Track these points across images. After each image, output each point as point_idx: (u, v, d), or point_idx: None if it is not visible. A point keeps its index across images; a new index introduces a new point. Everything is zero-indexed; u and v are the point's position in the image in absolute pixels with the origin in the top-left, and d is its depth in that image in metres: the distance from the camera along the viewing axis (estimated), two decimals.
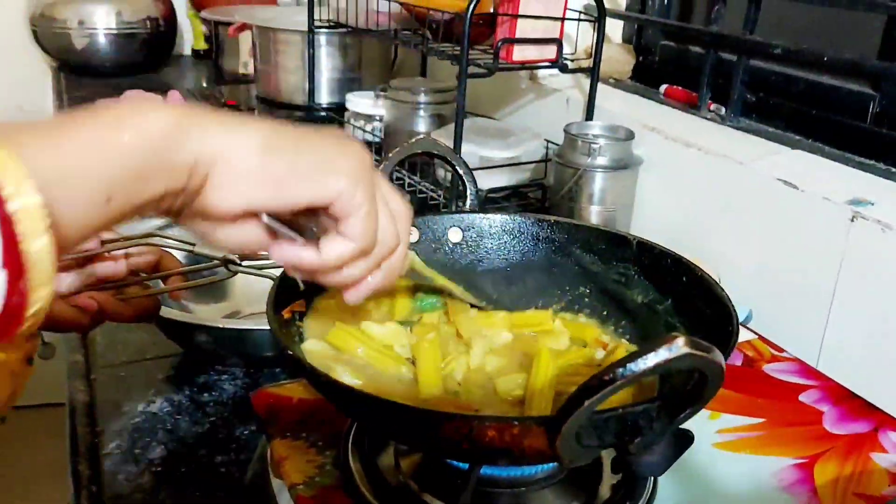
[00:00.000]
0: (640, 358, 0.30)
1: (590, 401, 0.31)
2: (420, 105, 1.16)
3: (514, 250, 0.59)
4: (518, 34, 0.97)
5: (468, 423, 0.34)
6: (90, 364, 0.74)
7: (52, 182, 0.28)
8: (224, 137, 0.34)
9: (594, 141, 0.91)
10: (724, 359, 0.33)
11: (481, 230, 0.59)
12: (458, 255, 0.59)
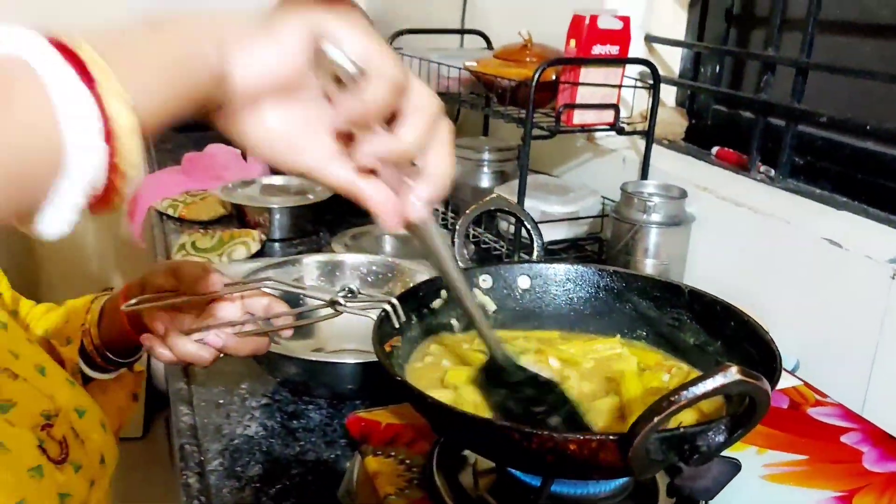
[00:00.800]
0: (700, 382, 0.37)
1: (658, 418, 0.37)
2: (484, 162, 1.25)
3: (577, 297, 0.66)
4: (578, 100, 1.05)
5: (553, 439, 0.41)
6: (192, 392, 0.82)
7: (128, 77, 0.34)
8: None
9: (649, 199, 0.98)
10: (770, 388, 0.39)
11: (547, 278, 0.66)
12: (526, 300, 0.66)
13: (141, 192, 1.45)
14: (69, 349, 0.78)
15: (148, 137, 0.37)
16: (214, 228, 1.26)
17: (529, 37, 1.15)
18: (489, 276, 0.65)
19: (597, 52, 1.04)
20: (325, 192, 1.32)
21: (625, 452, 0.39)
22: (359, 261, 0.96)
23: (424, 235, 0.48)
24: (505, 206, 0.67)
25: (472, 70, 1.17)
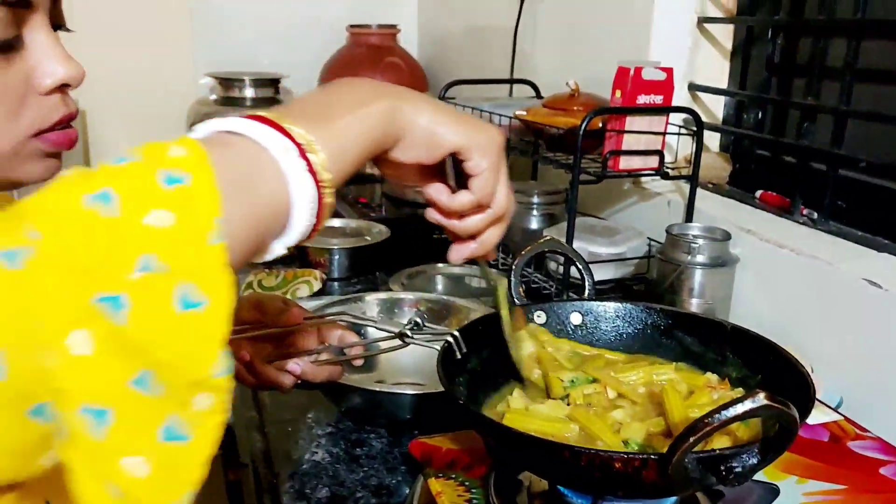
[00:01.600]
0: (731, 406, 0.41)
1: (694, 438, 0.42)
2: (533, 205, 1.30)
3: (626, 333, 0.71)
4: (624, 146, 1.11)
5: (601, 457, 0.46)
6: (263, 419, 0.88)
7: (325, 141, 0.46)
8: (414, 115, 0.52)
9: (694, 241, 1.02)
10: (798, 415, 0.43)
11: (598, 315, 0.71)
12: (578, 335, 0.71)
13: None
14: None
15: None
16: (278, 268, 1.33)
17: (577, 86, 1.21)
18: (543, 311, 0.70)
19: (641, 101, 1.09)
20: (382, 234, 1.38)
21: (665, 470, 0.43)
22: (416, 298, 1.02)
23: (483, 269, 0.61)
24: (558, 247, 0.72)
25: (523, 118, 1.24)
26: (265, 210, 0.43)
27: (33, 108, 0.57)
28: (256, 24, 2.22)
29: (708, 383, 0.65)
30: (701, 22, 1.26)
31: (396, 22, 2.21)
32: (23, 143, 0.58)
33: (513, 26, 1.69)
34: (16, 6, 0.54)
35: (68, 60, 0.58)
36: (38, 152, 0.59)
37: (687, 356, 0.69)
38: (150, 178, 0.39)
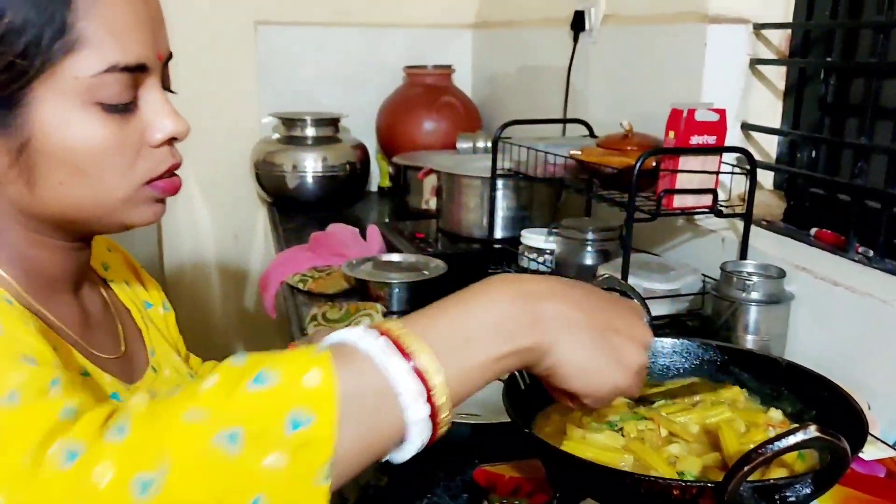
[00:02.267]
0: (784, 438, 0.44)
1: (748, 467, 0.44)
2: (588, 242, 1.33)
3: (683, 368, 0.73)
4: (677, 185, 1.13)
5: (659, 484, 0.49)
6: None
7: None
8: (557, 334, 0.53)
9: (748, 278, 1.04)
10: (850, 448, 0.46)
11: (656, 350, 0.74)
12: None
13: (273, 268, 1.61)
14: None
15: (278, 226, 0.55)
16: (340, 301, 1.39)
17: (630, 127, 1.24)
18: None
19: (695, 141, 1.12)
20: (439, 269, 1.43)
21: (721, 498, 0.46)
22: None
23: None
24: (616, 285, 0.75)
25: (577, 158, 1.27)
26: (379, 442, 0.48)
27: (146, 160, 0.64)
28: (317, 67, 2.31)
29: (768, 421, 0.67)
30: (753, 63, 1.29)
31: (451, 62, 2.28)
32: (136, 190, 0.65)
33: (566, 66, 1.74)
34: (136, 71, 0.61)
35: (177, 117, 0.65)
36: (148, 198, 0.66)
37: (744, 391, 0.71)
38: (279, 420, 0.44)
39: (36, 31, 0.57)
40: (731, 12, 1.27)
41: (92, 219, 0.65)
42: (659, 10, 1.41)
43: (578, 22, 1.68)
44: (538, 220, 1.61)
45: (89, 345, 0.70)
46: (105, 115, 0.60)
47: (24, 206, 0.63)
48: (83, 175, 0.61)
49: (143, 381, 0.75)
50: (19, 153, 0.60)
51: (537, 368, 0.54)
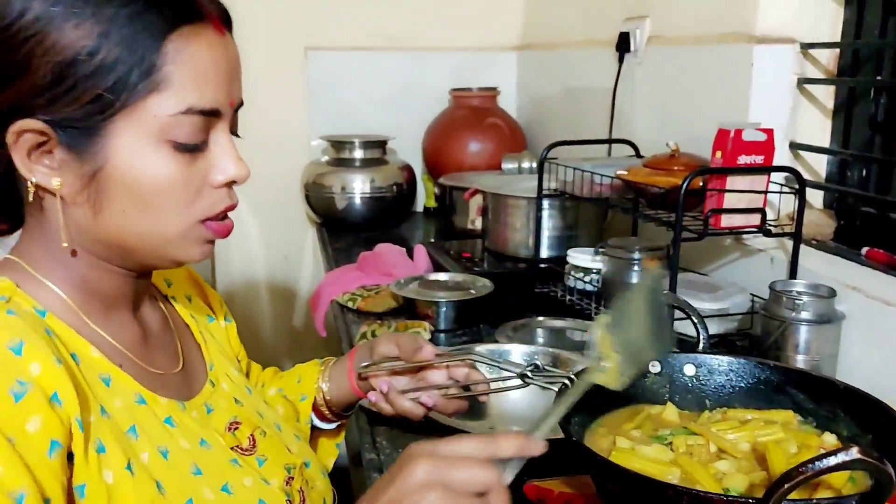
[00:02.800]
0: (825, 458, 0.45)
1: (788, 485, 0.45)
2: (635, 261, 1.34)
3: (738, 386, 0.74)
4: (725, 205, 1.14)
5: (701, 498, 0.50)
6: (381, 461, 0.95)
7: None
8: None
9: (798, 297, 1.04)
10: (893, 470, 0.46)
11: (711, 367, 0.75)
12: (692, 385, 0.75)
13: (323, 287, 1.64)
14: (304, 404, 0.96)
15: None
16: (389, 319, 1.42)
17: (677, 147, 1.25)
18: (657, 362, 0.74)
19: (742, 161, 1.12)
20: (485, 288, 1.45)
21: None
22: (524, 350, 1.07)
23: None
24: (673, 301, 0.77)
25: (624, 178, 1.29)
26: None
27: (205, 199, 0.68)
28: (365, 90, 2.37)
29: (821, 444, 0.67)
30: (801, 83, 1.29)
31: (496, 84, 2.31)
32: (191, 227, 0.68)
33: (611, 87, 1.75)
34: (209, 115, 0.66)
35: (240, 161, 0.69)
36: (200, 237, 0.70)
37: (798, 412, 0.71)
38: None
39: (126, 70, 0.61)
40: (777, 32, 1.27)
41: (146, 250, 0.68)
42: (705, 31, 1.42)
43: (623, 43, 1.70)
44: (584, 239, 1.62)
45: (146, 362, 0.73)
46: (175, 152, 0.64)
47: (86, 230, 0.67)
48: (146, 207, 0.65)
49: (200, 396, 0.78)
50: (91, 179, 0.64)
51: None
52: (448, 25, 2.38)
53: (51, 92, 0.61)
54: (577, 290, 1.41)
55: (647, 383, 0.76)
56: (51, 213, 0.66)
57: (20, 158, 0.63)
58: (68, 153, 0.63)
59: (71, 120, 0.62)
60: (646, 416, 0.72)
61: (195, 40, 0.64)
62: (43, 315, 0.65)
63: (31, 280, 0.67)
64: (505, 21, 2.42)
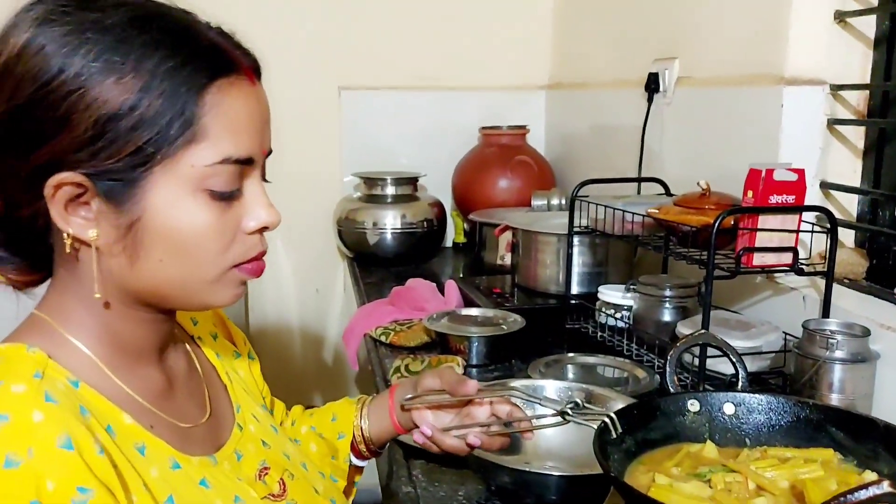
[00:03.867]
0: (857, 491, 0.46)
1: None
2: (666, 298, 1.35)
3: (778, 424, 0.75)
4: (757, 244, 1.15)
5: None
6: (418, 495, 0.96)
7: None
8: None
9: (832, 336, 1.04)
10: None
11: (751, 406, 0.76)
12: (731, 423, 0.76)
13: (356, 321, 1.67)
14: (343, 442, 0.98)
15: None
16: (422, 354, 1.43)
17: (708, 186, 1.27)
18: (697, 400, 0.76)
19: (773, 200, 1.14)
20: (517, 323, 1.47)
21: None
22: (558, 386, 1.09)
23: None
24: (712, 340, 0.79)
25: (656, 216, 1.30)
26: None
27: (238, 245, 0.70)
28: (397, 128, 2.42)
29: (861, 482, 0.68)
30: (831, 123, 1.30)
31: (526, 122, 2.35)
32: (224, 272, 0.70)
33: (640, 126, 1.78)
34: (244, 164, 0.68)
35: (272, 208, 0.71)
36: (233, 281, 0.71)
37: (838, 450, 0.72)
38: None
39: (165, 122, 0.62)
40: (807, 74, 1.29)
41: (180, 297, 0.69)
42: (734, 73, 1.44)
43: (652, 83, 1.73)
44: (613, 276, 1.63)
45: (175, 416, 0.73)
46: (211, 201, 0.66)
47: (120, 279, 0.67)
48: (182, 255, 0.66)
49: (229, 443, 0.78)
50: (128, 229, 0.65)
51: None
52: (478, 65, 2.43)
53: (91, 146, 0.61)
54: (608, 327, 1.42)
55: (687, 422, 0.77)
56: (85, 263, 0.67)
57: (57, 211, 0.64)
58: (106, 204, 0.64)
59: (109, 172, 0.62)
60: (685, 454, 0.73)
61: (231, 92, 0.66)
62: (76, 386, 0.65)
63: (59, 342, 0.67)
64: (534, 61, 2.47)
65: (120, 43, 0.62)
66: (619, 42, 1.99)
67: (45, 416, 0.59)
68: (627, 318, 1.43)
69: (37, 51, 0.61)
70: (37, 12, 0.62)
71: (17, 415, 0.58)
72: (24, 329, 0.69)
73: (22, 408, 0.59)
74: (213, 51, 0.66)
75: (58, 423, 0.59)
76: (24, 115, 0.62)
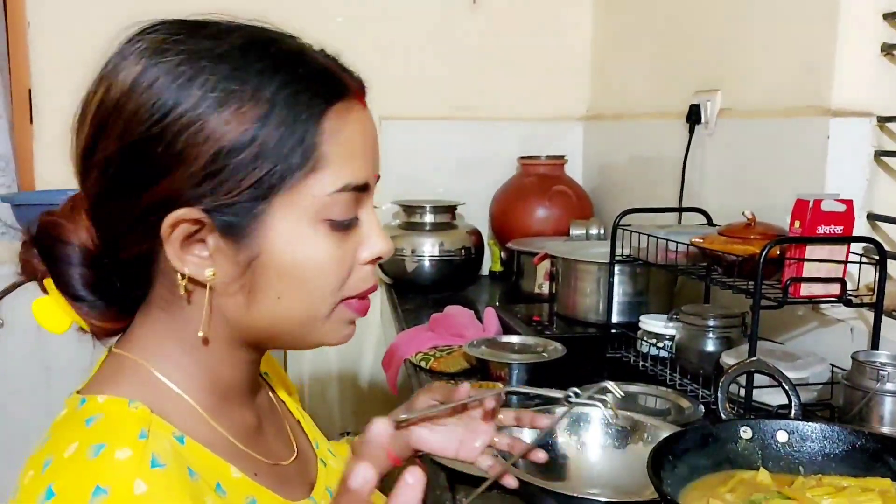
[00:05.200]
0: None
1: None
2: (709, 328, 1.34)
3: (833, 454, 0.74)
4: (804, 274, 1.14)
5: None
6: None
7: None
8: None
9: (882, 368, 1.03)
10: None
11: (804, 434, 0.76)
12: (784, 451, 0.76)
13: (395, 347, 1.68)
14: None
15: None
16: (461, 380, 1.44)
17: (753, 216, 1.27)
18: (749, 427, 0.75)
19: (821, 231, 1.13)
20: (558, 351, 1.47)
21: None
22: (601, 413, 1.08)
23: None
24: (764, 368, 0.79)
25: (700, 245, 1.30)
26: None
27: (353, 277, 0.65)
28: (436, 157, 2.44)
29: None
30: (878, 155, 1.30)
31: (564, 153, 2.36)
32: (338, 308, 0.65)
33: (680, 157, 1.78)
34: (361, 191, 0.64)
35: (386, 237, 0.67)
36: (343, 318, 0.67)
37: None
38: None
39: (286, 152, 0.59)
40: (853, 106, 1.29)
41: (295, 334, 0.65)
42: (779, 105, 1.45)
43: (693, 115, 1.73)
44: (654, 305, 1.63)
45: (269, 457, 0.71)
46: (330, 231, 0.62)
47: (234, 319, 0.63)
48: (302, 290, 0.62)
49: (319, 480, 0.77)
50: (247, 266, 0.61)
51: None
52: (517, 96, 2.46)
53: (210, 181, 0.58)
54: (650, 356, 1.42)
55: (739, 449, 0.76)
56: (194, 304, 0.63)
57: (173, 250, 0.60)
58: (223, 241, 0.60)
59: (228, 206, 0.59)
60: (738, 481, 0.72)
61: (347, 116, 0.63)
62: (182, 442, 0.61)
63: (160, 391, 0.64)
64: (573, 92, 2.49)
65: (236, 71, 0.59)
66: (659, 73, 2.00)
67: (149, 488, 0.55)
68: (669, 347, 1.42)
69: (149, 84, 0.58)
70: (146, 43, 0.60)
71: (118, 486, 0.54)
72: (113, 374, 0.65)
73: (125, 478, 0.55)
74: (326, 75, 0.63)
75: (163, 496, 0.55)
76: (137, 153, 0.59)
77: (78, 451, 0.56)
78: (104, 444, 0.56)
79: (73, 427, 0.59)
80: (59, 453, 0.57)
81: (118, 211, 0.61)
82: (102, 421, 0.59)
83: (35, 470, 0.57)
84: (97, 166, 0.61)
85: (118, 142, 0.59)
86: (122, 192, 0.61)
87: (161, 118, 0.58)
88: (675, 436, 0.72)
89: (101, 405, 0.61)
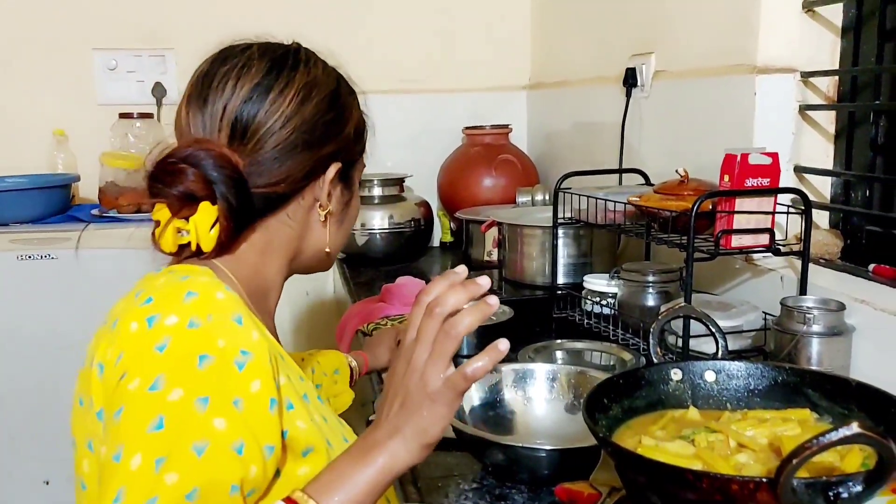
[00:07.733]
0: (828, 434, 0.50)
1: (796, 460, 0.50)
2: (649, 284, 1.39)
3: (757, 388, 0.79)
4: (734, 226, 1.19)
5: (720, 480, 0.54)
6: (416, 476, 0.99)
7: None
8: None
9: (809, 311, 1.08)
10: None
11: (730, 373, 0.80)
12: (712, 390, 0.80)
13: (347, 319, 1.70)
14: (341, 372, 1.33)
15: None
16: None
17: (686, 173, 1.31)
18: (679, 369, 0.79)
19: (749, 184, 1.18)
20: (506, 314, 1.50)
21: (775, 491, 0.51)
22: (547, 369, 1.12)
23: None
24: (692, 313, 0.82)
25: (637, 204, 1.34)
26: None
27: None
28: (383, 131, 2.42)
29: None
30: (803, 109, 1.35)
31: (508, 122, 2.39)
32: None
33: (619, 120, 1.82)
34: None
35: None
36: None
37: (814, 411, 0.76)
38: None
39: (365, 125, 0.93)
40: (778, 63, 1.34)
41: (325, 263, 0.93)
42: (708, 65, 1.49)
43: (630, 78, 1.77)
44: (598, 265, 1.67)
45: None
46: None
47: (317, 241, 0.87)
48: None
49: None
50: (346, 204, 0.90)
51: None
52: (460, 68, 2.48)
53: (353, 142, 0.88)
54: (594, 314, 1.46)
55: (670, 390, 0.80)
56: (311, 228, 0.87)
57: (330, 187, 0.85)
58: (341, 185, 0.88)
59: (351, 163, 0.89)
60: (669, 419, 0.76)
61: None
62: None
63: (222, 275, 0.79)
64: (515, 62, 2.52)
65: (347, 83, 0.92)
66: (597, 39, 2.03)
67: (226, 296, 0.72)
68: (613, 304, 1.46)
69: (327, 73, 0.89)
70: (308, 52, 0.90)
71: (204, 292, 0.71)
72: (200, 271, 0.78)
73: (209, 289, 0.72)
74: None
75: (234, 303, 0.72)
76: (324, 124, 0.84)
77: (172, 283, 0.74)
78: (191, 279, 0.74)
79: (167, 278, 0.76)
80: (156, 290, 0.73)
81: (302, 158, 0.82)
82: (197, 282, 0.74)
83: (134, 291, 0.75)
84: (297, 129, 0.82)
85: (314, 108, 0.84)
86: (309, 147, 0.83)
87: (336, 91, 0.88)
88: (608, 381, 0.75)
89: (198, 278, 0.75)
